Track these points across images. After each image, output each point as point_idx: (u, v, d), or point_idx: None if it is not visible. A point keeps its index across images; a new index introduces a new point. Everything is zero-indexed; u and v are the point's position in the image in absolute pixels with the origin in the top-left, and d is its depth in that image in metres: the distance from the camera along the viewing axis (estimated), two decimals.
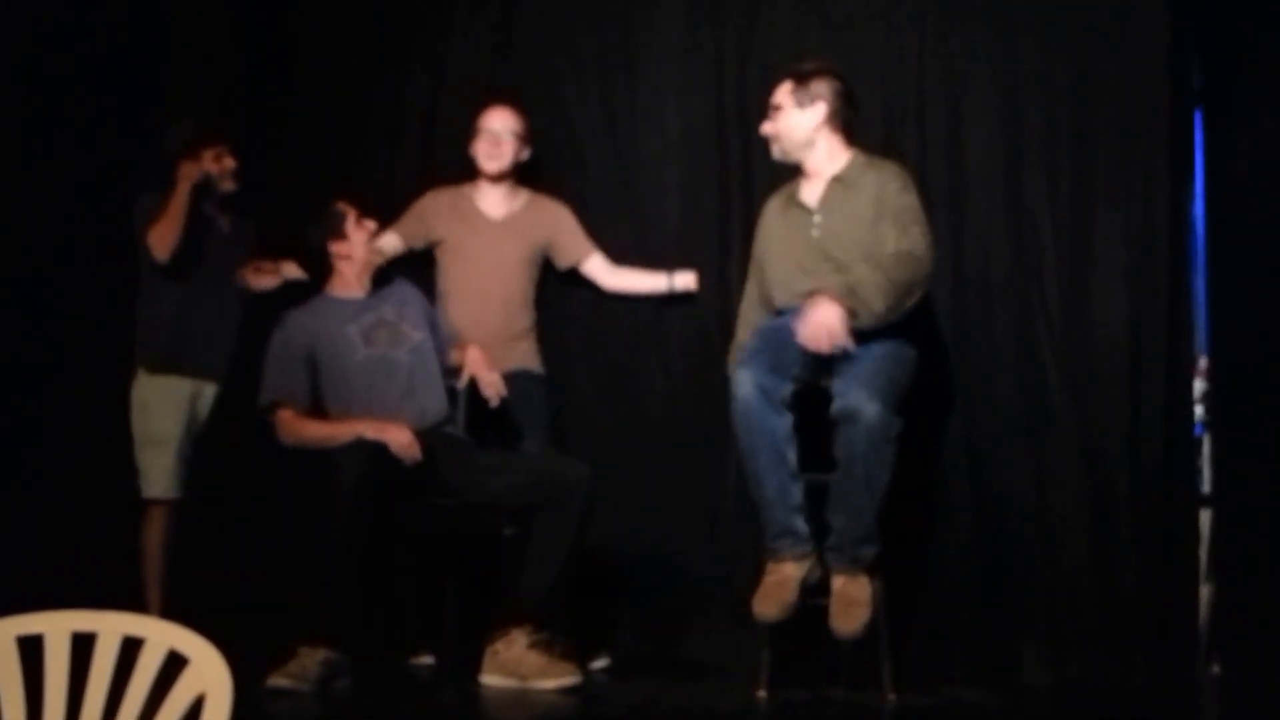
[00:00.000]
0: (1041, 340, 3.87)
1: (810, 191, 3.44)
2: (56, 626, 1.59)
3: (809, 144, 3.42)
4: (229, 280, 3.91)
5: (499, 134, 3.89)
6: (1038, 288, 3.89)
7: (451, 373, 3.76)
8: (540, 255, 3.95)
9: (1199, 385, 4.02)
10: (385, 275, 3.76)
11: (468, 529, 3.65)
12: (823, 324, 3.15)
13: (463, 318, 3.85)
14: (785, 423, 3.22)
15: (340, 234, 3.68)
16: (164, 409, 3.81)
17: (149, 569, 3.76)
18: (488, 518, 3.60)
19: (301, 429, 3.54)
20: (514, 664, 3.39)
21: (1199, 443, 3.98)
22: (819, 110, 3.40)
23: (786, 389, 3.23)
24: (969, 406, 3.88)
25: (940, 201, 3.88)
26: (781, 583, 3.21)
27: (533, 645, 3.39)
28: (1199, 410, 4.00)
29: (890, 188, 3.34)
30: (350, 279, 3.70)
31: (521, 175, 3.99)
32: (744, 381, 3.21)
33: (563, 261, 3.97)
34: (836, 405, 3.15)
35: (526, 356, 3.92)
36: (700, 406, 3.95)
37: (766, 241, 3.52)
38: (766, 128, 3.47)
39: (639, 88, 4.14)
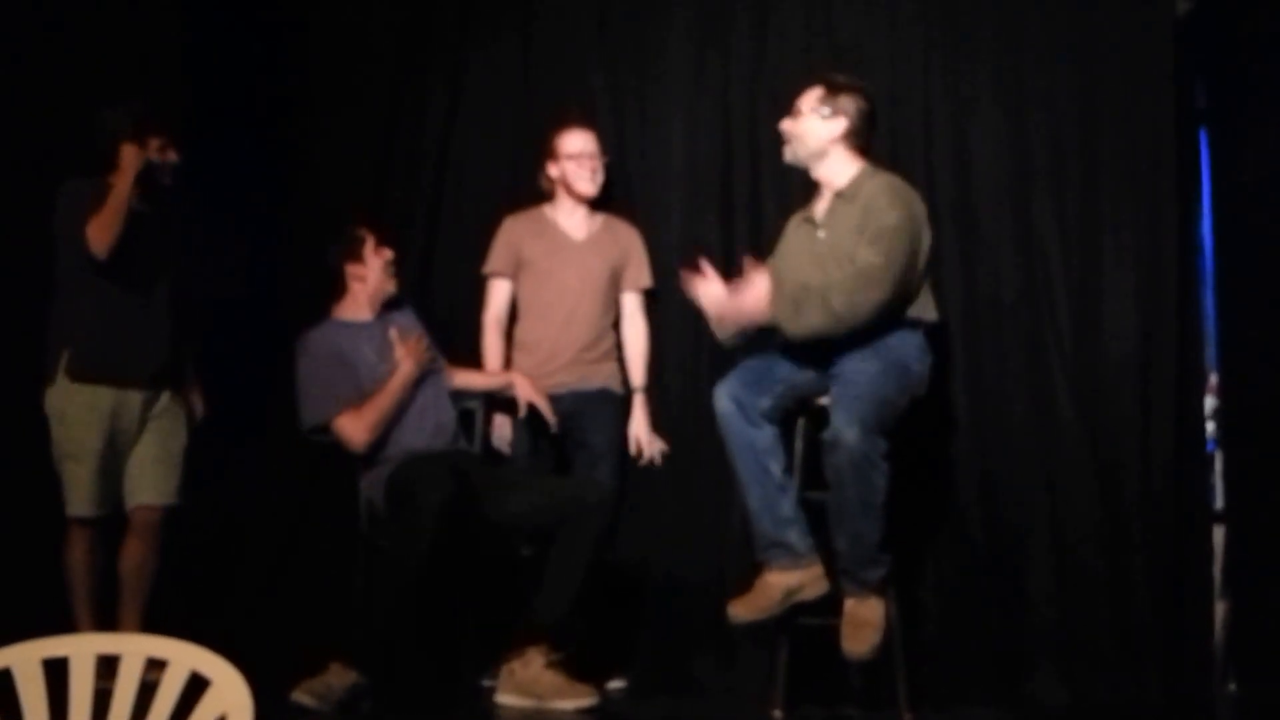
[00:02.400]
0: (1052, 360, 3.88)
1: (820, 206, 3.46)
2: (82, 649, 1.61)
3: (821, 154, 3.41)
4: (156, 280, 3.55)
5: (590, 155, 3.88)
6: (1048, 308, 3.91)
7: (506, 404, 3.81)
8: (617, 275, 3.96)
9: (1210, 402, 4.02)
10: (394, 301, 3.81)
11: (486, 548, 3.68)
12: (730, 304, 3.23)
13: (548, 338, 3.86)
14: (765, 435, 3.25)
15: (358, 257, 3.74)
16: (85, 420, 3.45)
17: (76, 592, 3.45)
18: (506, 537, 3.62)
19: (371, 414, 3.57)
20: (530, 684, 3.42)
21: (1211, 459, 3.98)
22: (839, 124, 3.39)
23: (765, 403, 3.26)
24: (981, 427, 3.90)
25: (949, 224, 3.90)
26: (764, 590, 3.25)
27: (549, 665, 3.42)
28: (1210, 427, 4.01)
29: (878, 202, 3.30)
30: (361, 302, 3.76)
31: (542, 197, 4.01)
32: (719, 396, 3.29)
33: (622, 286, 3.98)
34: (825, 430, 3.18)
35: (609, 376, 3.93)
36: (713, 427, 3.97)
37: (780, 257, 3.53)
38: (786, 124, 3.46)
39: (649, 114, 4.18)
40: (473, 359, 3.95)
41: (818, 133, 3.40)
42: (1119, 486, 3.83)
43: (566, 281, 3.86)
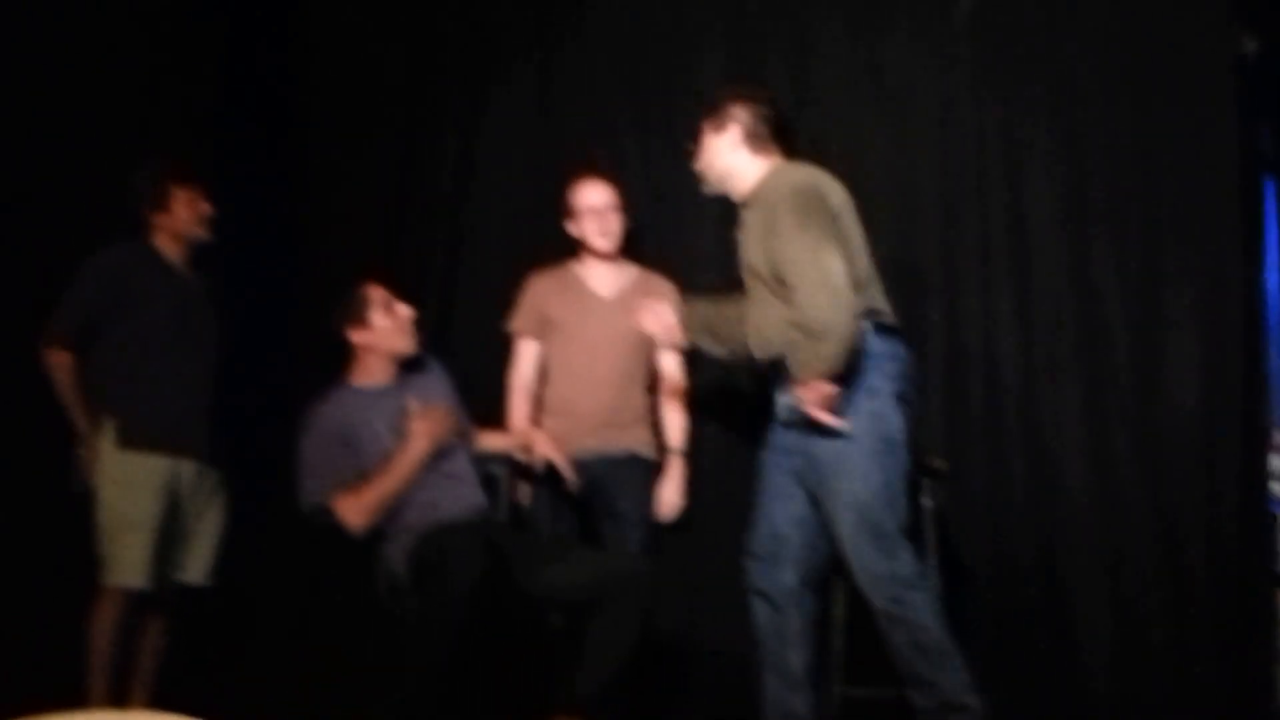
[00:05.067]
0: (1112, 418, 3.74)
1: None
2: None
3: (729, 171, 3.17)
4: (200, 343, 3.54)
5: (604, 209, 3.69)
6: (1107, 365, 3.76)
7: (528, 471, 3.66)
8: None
9: (1275, 461, 3.86)
10: (417, 361, 3.58)
11: (517, 619, 3.51)
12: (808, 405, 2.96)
13: (574, 400, 3.67)
14: (792, 621, 3.08)
15: (361, 320, 3.48)
16: (144, 489, 3.40)
17: (98, 662, 3.37)
18: (538, 608, 3.46)
19: (372, 496, 3.36)
20: None
21: (1275, 521, 3.82)
22: (733, 133, 3.16)
23: (789, 577, 3.09)
24: (1037, 488, 3.75)
25: (1003, 275, 3.78)
26: None
27: None
28: (1275, 487, 3.84)
29: (779, 202, 3.00)
30: (374, 368, 3.51)
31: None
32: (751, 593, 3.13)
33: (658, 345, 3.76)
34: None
35: (638, 440, 3.73)
36: (746, 488, 3.82)
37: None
38: (695, 164, 3.24)
39: (679, 154, 4.02)
40: (493, 419, 3.76)
41: (715, 149, 3.17)
42: (1181, 549, 3.68)
43: (594, 342, 3.67)
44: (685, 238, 4.00)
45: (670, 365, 3.78)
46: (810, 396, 2.92)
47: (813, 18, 3.96)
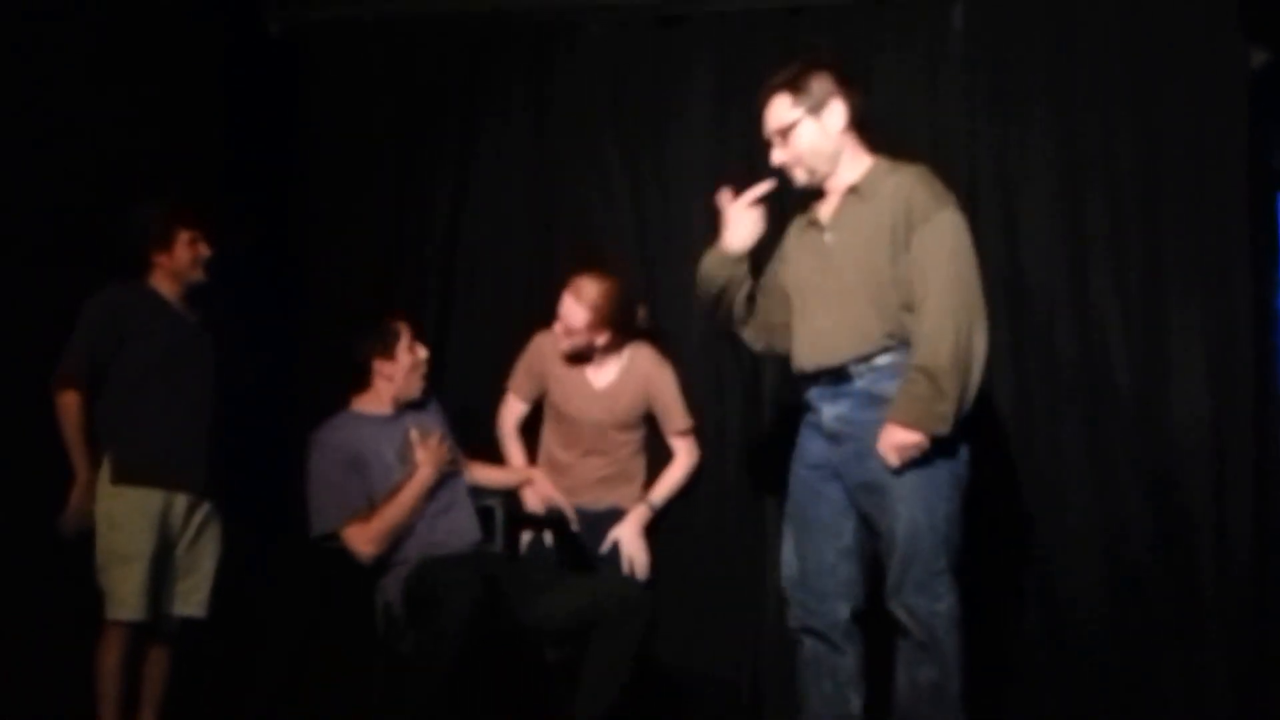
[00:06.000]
0: (1115, 444, 3.65)
1: (825, 208, 2.99)
2: None
3: (838, 154, 2.94)
4: (201, 385, 3.56)
5: (570, 318, 3.62)
6: (1109, 388, 3.66)
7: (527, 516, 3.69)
8: (644, 412, 3.75)
9: None
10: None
11: (512, 653, 3.50)
12: (893, 449, 2.81)
13: (561, 461, 3.74)
14: (848, 661, 2.94)
15: (389, 354, 3.57)
16: (137, 523, 3.44)
17: (106, 696, 3.42)
18: (533, 642, 3.45)
19: (381, 525, 3.44)
20: None
21: None
22: (838, 111, 2.92)
23: (842, 610, 2.94)
24: (1038, 520, 3.67)
25: (999, 299, 3.63)
26: None
27: None
28: None
29: (916, 200, 2.81)
30: (385, 398, 3.61)
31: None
32: (795, 631, 2.99)
33: (663, 432, 3.76)
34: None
35: (624, 496, 3.75)
36: (741, 525, 3.80)
37: (782, 262, 3.10)
38: (779, 157, 2.97)
39: (671, 191, 3.97)
40: (486, 452, 3.81)
41: (825, 131, 2.91)
42: (1193, 584, 3.59)
43: (586, 425, 3.71)
44: (665, 270, 3.93)
45: (678, 446, 3.76)
46: (912, 446, 2.79)
47: (803, 41, 3.86)
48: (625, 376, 3.73)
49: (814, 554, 2.96)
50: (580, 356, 3.70)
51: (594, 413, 3.71)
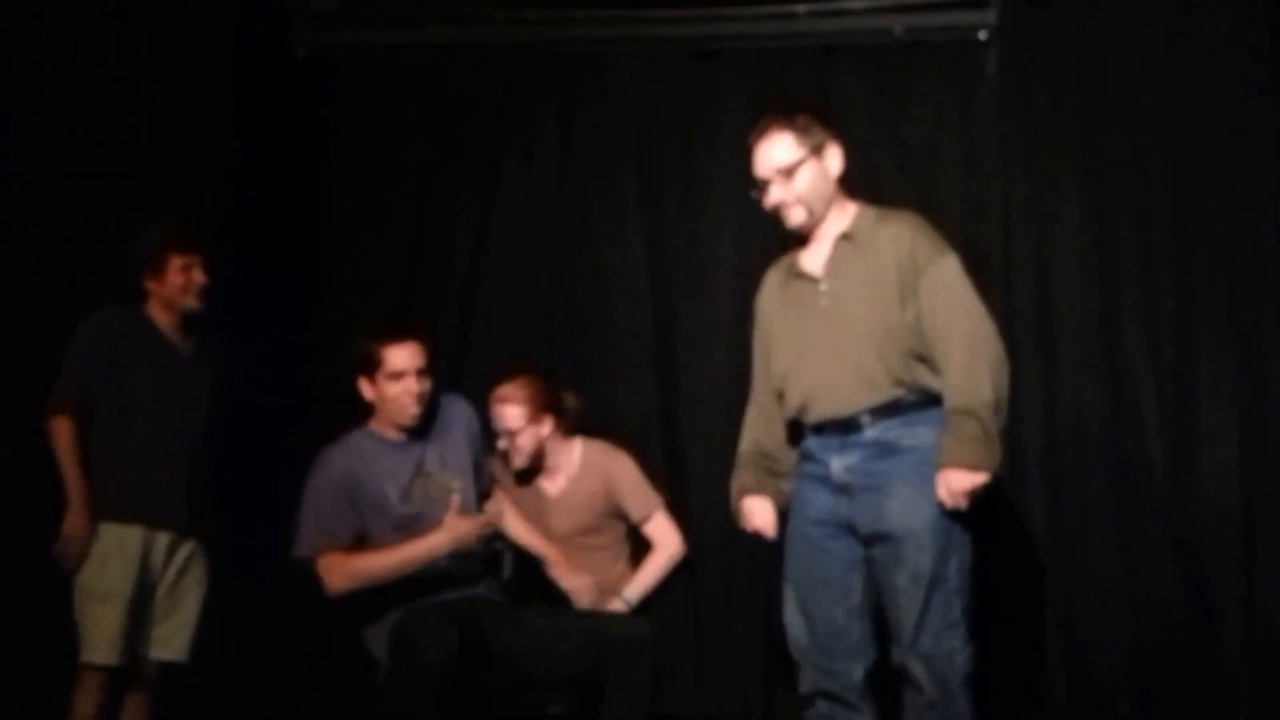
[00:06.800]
0: (1145, 502, 3.57)
1: (813, 258, 2.90)
2: None
3: (832, 198, 2.88)
4: (188, 414, 3.40)
5: (508, 421, 3.52)
6: (1137, 440, 3.59)
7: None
8: (610, 510, 3.62)
9: None
10: (446, 419, 3.45)
11: (515, 708, 3.38)
12: (959, 494, 2.72)
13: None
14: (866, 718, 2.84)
15: (369, 375, 3.35)
16: (114, 561, 3.26)
17: None
18: (534, 694, 3.33)
19: (360, 566, 3.23)
20: None
21: None
22: (836, 155, 2.87)
23: (856, 670, 2.82)
24: (1064, 577, 3.59)
25: (1028, 345, 3.63)
26: None
27: None
28: None
29: (919, 247, 2.77)
30: (383, 421, 3.39)
31: None
32: (806, 696, 2.86)
33: (634, 523, 3.63)
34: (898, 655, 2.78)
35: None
36: (736, 559, 3.73)
37: (767, 325, 2.98)
38: (779, 195, 2.86)
39: (695, 228, 3.94)
40: None
41: (825, 174, 2.86)
42: (1221, 644, 3.49)
43: (556, 538, 3.54)
44: (688, 315, 3.90)
45: (651, 529, 3.62)
46: (979, 486, 2.69)
47: (836, 81, 3.85)
48: (580, 474, 3.61)
49: (823, 615, 2.84)
50: (531, 470, 3.59)
51: (557, 523, 3.57)
